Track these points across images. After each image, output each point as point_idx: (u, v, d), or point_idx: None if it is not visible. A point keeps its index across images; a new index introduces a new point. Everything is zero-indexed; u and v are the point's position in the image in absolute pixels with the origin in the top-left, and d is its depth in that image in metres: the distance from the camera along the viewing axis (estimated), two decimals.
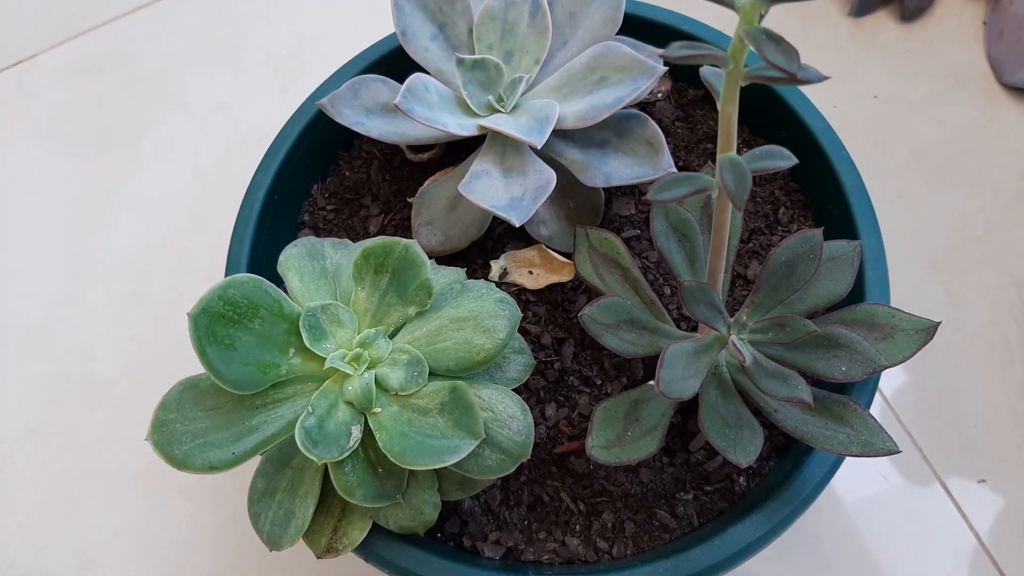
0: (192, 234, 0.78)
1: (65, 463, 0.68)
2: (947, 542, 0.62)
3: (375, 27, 0.67)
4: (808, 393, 0.41)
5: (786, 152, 0.35)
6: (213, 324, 0.41)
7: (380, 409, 0.44)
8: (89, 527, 0.66)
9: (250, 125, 0.84)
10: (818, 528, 0.63)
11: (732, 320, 0.45)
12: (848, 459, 0.60)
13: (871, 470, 0.65)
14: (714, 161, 0.60)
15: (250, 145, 0.82)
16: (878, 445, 0.43)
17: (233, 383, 0.41)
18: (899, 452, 0.43)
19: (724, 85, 0.33)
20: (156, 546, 0.65)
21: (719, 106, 0.34)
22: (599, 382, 0.54)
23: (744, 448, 0.42)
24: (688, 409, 0.53)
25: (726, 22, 0.68)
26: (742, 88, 0.34)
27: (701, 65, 0.34)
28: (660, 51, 0.31)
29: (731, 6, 0.31)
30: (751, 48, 0.30)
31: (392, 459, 0.41)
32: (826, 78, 0.30)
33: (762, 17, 0.31)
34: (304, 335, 0.44)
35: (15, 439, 0.69)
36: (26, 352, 0.73)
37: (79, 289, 0.76)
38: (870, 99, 0.80)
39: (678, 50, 0.30)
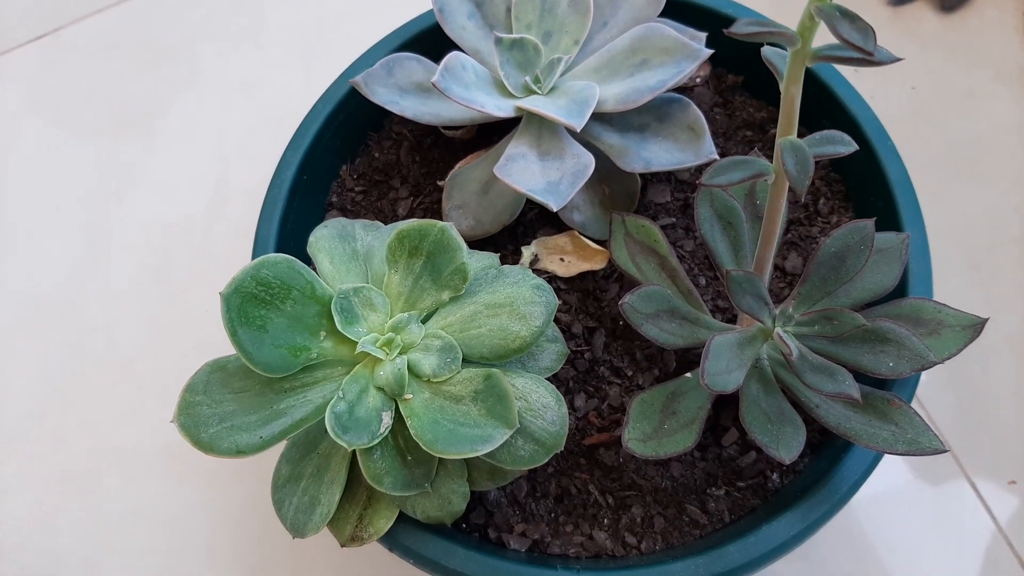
0: (214, 214, 0.77)
1: (83, 441, 0.68)
2: (975, 543, 0.61)
3: (403, 5, 0.66)
4: (855, 388, 0.40)
5: (847, 138, 0.34)
6: (245, 304, 0.40)
7: (412, 395, 0.43)
8: (106, 506, 0.65)
9: (273, 105, 0.83)
10: (842, 527, 0.61)
11: (777, 312, 0.43)
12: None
13: (899, 469, 0.64)
14: (756, 149, 0.59)
15: (273, 125, 0.81)
16: (924, 444, 0.42)
17: (264, 366, 0.40)
18: (946, 451, 0.42)
19: (789, 65, 0.32)
20: (175, 527, 0.64)
21: (782, 88, 0.32)
22: (630, 373, 0.53)
23: (787, 444, 0.41)
24: (720, 403, 0.52)
25: (772, 6, 0.66)
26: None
27: (762, 44, 0.32)
28: (726, 31, 0.29)
29: None
30: (823, 25, 0.28)
31: (423, 447, 0.40)
32: (900, 59, 0.29)
33: None
34: (336, 318, 0.43)
35: (34, 416, 0.69)
36: (47, 329, 0.72)
37: (99, 268, 0.75)
38: (908, 90, 0.78)
39: (746, 26, 0.29)
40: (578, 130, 0.48)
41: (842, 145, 0.34)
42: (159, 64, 0.86)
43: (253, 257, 0.54)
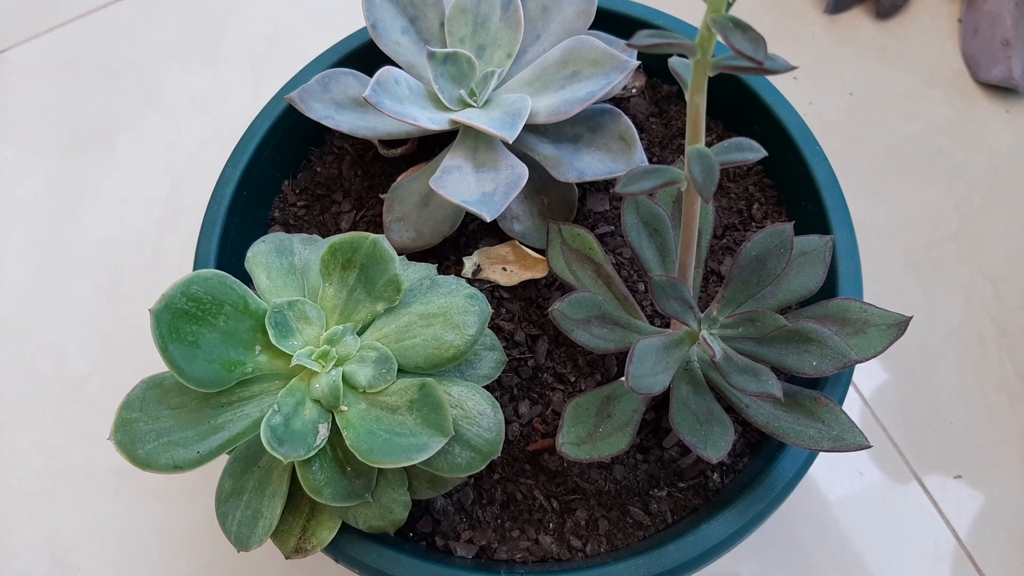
0: (164, 230, 0.77)
1: (37, 460, 0.67)
2: (924, 537, 0.62)
3: (351, 20, 0.66)
4: (778, 387, 0.40)
5: (755, 144, 0.35)
6: (176, 320, 0.41)
7: (347, 407, 0.43)
8: (62, 526, 0.65)
9: (224, 120, 0.83)
10: (794, 525, 0.62)
11: (703, 315, 0.44)
12: (824, 455, 0.60)
13: (847, 467, 0.65)
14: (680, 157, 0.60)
15: (224, 140, 0.81)
16: (849, 440, 0.43)
17: (196, 381, 0.41)
18: (870, 447, 0.43)
19: (692, 75, 0.33)
20: (129, 545, 0.64)
21: (687, 96, 0.33)
22: (573, 379, 0.54)
23: (715, 443, 0.42)
24: (662, 406, 0.53)
25: (700, 17, 0.68)
26: (716, 83, 0.34)
27: (670, 55, 0.33)
28: (626, 43, 0.30)
29: None
30: (718, 37, 0.29)
31: (360, 457, 0.41)
32: (794, 67, 0.30)
33: (729, 6, 0.31)
34: (270, 332, 0.43)
35: None
36: None
37: (51, 285, 0.75)
38: (846, 96, 0.80)
39: (645, 38, 0.30)
40: (510, 142, 0.49)
41: (750, 151, 0.35)
42: (111, 82, 0.86)
43: None
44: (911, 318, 0.47)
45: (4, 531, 0.64)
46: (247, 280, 0.48)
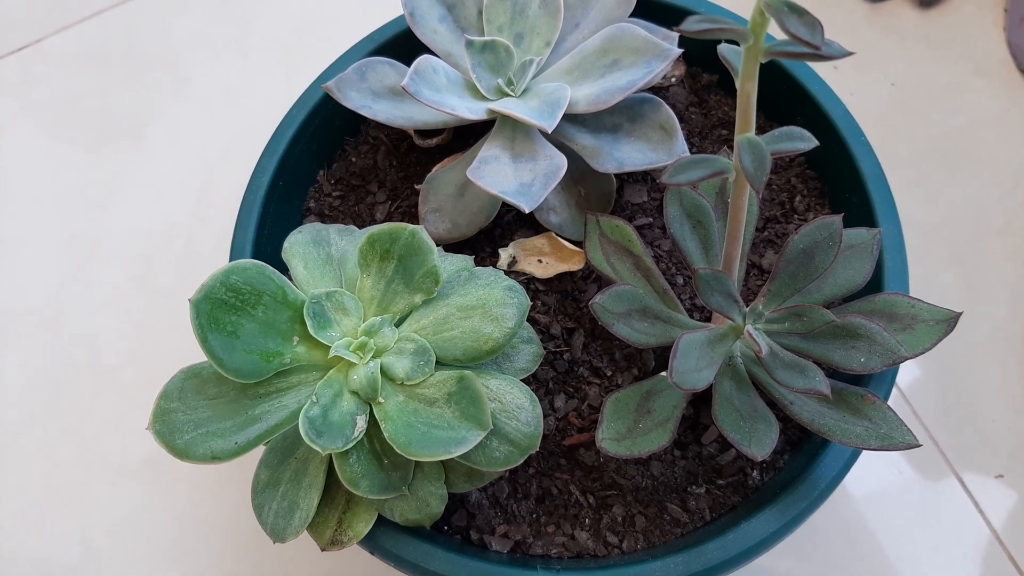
0: (197, 221, 0.77)
1: (70, 450, 0.68)
2: (963, 537, 0.61)
3: (385, 8, 0.66)
4: (826, 384, 0.40)
5: (806, 133, 0.34)
6: (215, 311, 0.40)
7: (385, 399, 0.43)
8: (94, 515, 0.65)
9: (256, 110, 0.83)
10: (830, 522, 0.61)
11: (748, 309, 0.43)
12: (865, 453, 0.59)
13: (886, 464, 0.64)
14: (730, 147, 0.59)
15: (256, 131, 0.81)
16: (897, 439, 0.42)
17: (235, 371, 0.40)
18: (919, 446, 0.42)
19: (743, 62, 0.32)
20: (161, 534, 0.64)
21: (738, 84, 0.32)
22: (610, 373, 0.53)
23: (759, 441, 0.41)
24: (700, 401, 0.52)
25: (744, 4, 0.67)
26: (758, 73, 0.33)
27: (719, 41, 0.32)
28: (675, 28, 0.29)
29: None
30: (773, 21, 0.28)
31: (397, 450, 0.40)
32: (850, 53, 0.29)
33: None
34: (308, 323, 0.43)
35: (21, 425, 0.69)
36: (31, 338, 0.73)
37: (84, 276, 0.76)
38: (887, 86, 0.78)
39: (696, 23, 0.29)
40: (549, 132, 0.48)
41: (801, 141, 0.34)
42: (142, 73, 0.87)
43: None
44: (960, 314, 0.46)
45: (36, 521, 0.65)
46: (284, 270, 0.48)
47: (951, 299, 0.69)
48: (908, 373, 0.67)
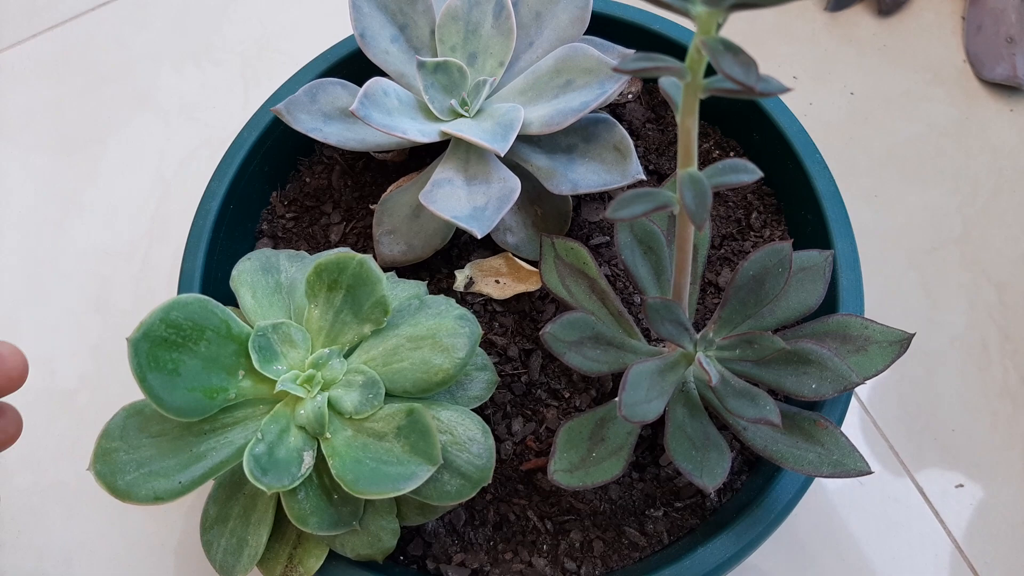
0: (153, 240, 0.76)
1: (25, 478, 0.66)
2: (925, 548, 0.61)
3: (343, 24, 0.65)
4: (776, 414, 0.39)
5: (750, 166, 0.34)
6: (155, 349, 0.39)
7: (333, 434, 0.42)
8: (49, 543, 0.64)
9: (214, 126, 0.82)
10: (792, 535, 0.61)
11: (699, 336, 0.43)
12: None
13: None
14: None
15: (214, 146, 0.80)
16: (849, 465, 0.42)
17: (176, 410, 0.39)
18: (871, 472, 0.42)
19: (683, 97, 0.31)
20: (120, 562, 0.63)
21: (678, 119, 0.32)
22: (567, 395, 0.53)
23: (711, 471, 0.41)
24: (659, 422, 0.51)
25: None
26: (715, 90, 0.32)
27: (658, 77, 0.32)
28: (615, 64, 0.29)
29: (686, 14, 0.29)
30: (709, 59, 0.28)
31: (345, 488, 0.40)
32: (788, 89, 0.28)
33: (720, 26, 0.29)
34: (253, 357, 0.42)
35: None
36: None
37: (39, 296, 0.74)
38: (846, 95, 0.78)
39: (633, 62, 0.28)
40: (502, 155, 0.48)
41: (744, 174, 0.33)
42: (99, 87, 0.85)
43: (179, 292, 0.53)
44: (914, 335, 0.46)
45: None
46: (233, 299, 0.47)
47: (910, 308, 0.69)
48: (868, 384, 0.67)
